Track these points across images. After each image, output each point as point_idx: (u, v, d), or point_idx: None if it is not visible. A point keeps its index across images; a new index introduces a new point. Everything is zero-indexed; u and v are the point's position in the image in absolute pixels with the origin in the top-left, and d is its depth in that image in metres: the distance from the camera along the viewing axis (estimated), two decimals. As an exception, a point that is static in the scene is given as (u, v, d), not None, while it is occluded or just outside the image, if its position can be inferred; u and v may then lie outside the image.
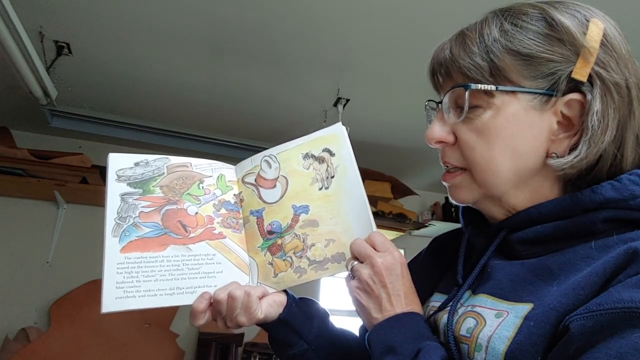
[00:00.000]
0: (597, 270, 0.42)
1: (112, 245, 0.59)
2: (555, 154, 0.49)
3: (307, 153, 0.67)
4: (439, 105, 0.56)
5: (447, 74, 0.54)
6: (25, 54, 1.51)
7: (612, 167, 0.49)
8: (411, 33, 1.59)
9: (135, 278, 0.58)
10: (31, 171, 2.07)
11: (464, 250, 0.58)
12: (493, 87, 0.49)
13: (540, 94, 0.49)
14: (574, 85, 0.48)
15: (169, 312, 2.39)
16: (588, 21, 0.49)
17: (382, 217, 2.50)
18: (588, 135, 0.47)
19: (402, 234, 2.66)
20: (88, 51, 1.77)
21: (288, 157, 0.68)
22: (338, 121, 0.69)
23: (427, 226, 2.79)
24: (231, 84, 1.99)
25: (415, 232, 2.87)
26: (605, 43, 0.49)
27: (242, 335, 2.42)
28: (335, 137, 0.66)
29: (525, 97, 0.49)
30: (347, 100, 2.04)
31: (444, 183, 0.57)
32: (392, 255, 0.54)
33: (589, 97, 0.47)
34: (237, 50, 1.75)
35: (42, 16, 1.57)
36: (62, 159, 2.08)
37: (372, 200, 2.50)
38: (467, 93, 0.50)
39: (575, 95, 0.48)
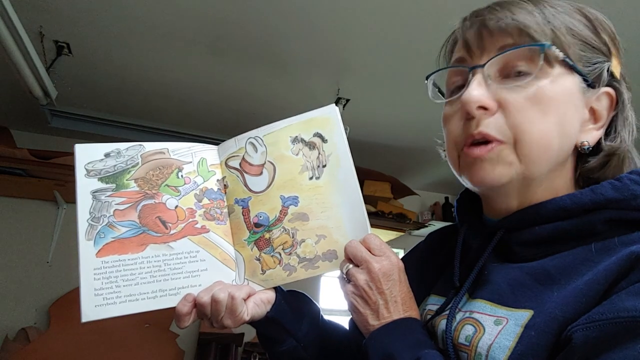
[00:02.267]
0: (599, 277, 0.41)
1: (86, 249, 0.56)
2: (587, 142, 0.49)
3: (296, 137, 0.61)
4: (472, 71, 0.50)
5: (501, 34, 0.48)
6: (25, 54, 1.51)
7: (615, 169, 0.49)
8: (411, 33, 1.59)
9: (115, 283, 0.55)
10: (31, 171, 2.07)
11: (459, 251, 0.56)
12: (562, 55, 0.47)
13: (589, 80, 0.48)
14: (609, 80, 0.49)
15: (169, 312, 2.37)
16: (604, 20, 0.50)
17: (382, 217, 2.49)
18: (620, 127, 0.48)
19: (402, 234, 2.66)
20: (88, 51, 1.77)
21: (275, 139, 0.62)
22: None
23: (427, 226, 2.79)
24: (231, 84, 1.99)
25: (415, 232, 2.87)
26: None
27: (242, 335, 2.42)
28: (328, 120, 0.61)
29: (578, 78, 0.48)
30: (347, 100, 2.04)
31: (470, 157, 0.49)
32: (389, 259, 0.52)
33: (623, 92, 0.48)
34: (237, 50, 1.75)
35: (42, 16, 1.57)
36: (62, 159, 2.07)
37: (372, 200, 2.50)
38: (542, 54, 0.46)
39: (609, 89, 0.49)
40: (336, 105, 0.67)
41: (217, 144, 0.67)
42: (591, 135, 0.49)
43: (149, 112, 2.25)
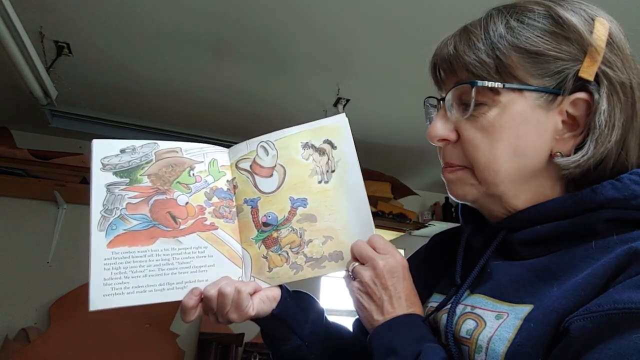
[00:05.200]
0: (598, 272, 0.42)
1: (98, 240, 0.57)
2: (560, 153, 0.49)
3: (307, 142, 0.64)
4: (441, 102, 0.55)
5: (450, 70, 0.53)
6: (25, 54, 1.51)
7: (614, 168, 0.49)
8: (411, 33, 1.59)
9: (124, 274, 0.56)
10: (31, 171, 2.07)
11: (462, 250, 0.58)
12: (500, 85, 0.49)
13: (548, 92, 0.48)
14: (581, 84, 0.48)
15: (170, 312, 2.39)
16: (593, 20, 0.49)
17: (382, 217, 2.50)
18: (596, 134, 0.47)
19: (402, 234, 2.66)
20: (88, 51, 1.77)
21: (287, 144, 0.65)
22: None
23: (427, 226, 2.79)
24: (231, 84, 1.99)
25: (415, 232, 2.87)
26: (610, 42, 0.48)
27: (242, 335, 2.42)
28: (338, 128, 0.64)
29: (531, 96, 0.49)
30: (347, 100, 2.04)
31: (443, 178, 0.56)
32: (394, 257, 0.54)
33: (596, 96, 0.47)
34: (237, 50, 1.75)
35: (42, 16, 1.57)
36: (62, 159, 2.08)
37: (372, 200, 2.50)
38: (473, 90, 0.50)
39: (581, 95, 0.48)
40: (336, 105, 0.69)
41: (217, 144, 0.68)
42: (566, 144, 0.49)
43: (149, 112, 2.25)
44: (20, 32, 1.42)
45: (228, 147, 0.68)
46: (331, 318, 0.69)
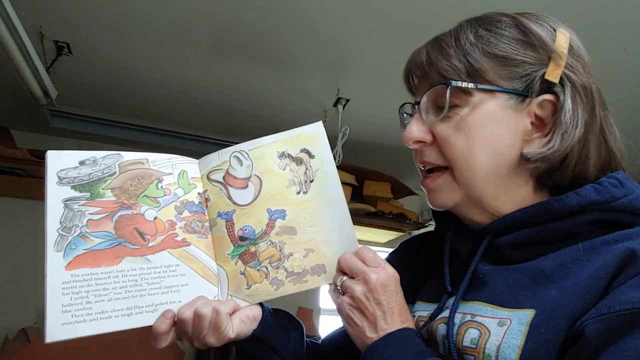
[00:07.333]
0: (599, 274, 0.43)
1: (55, 261, 0.51)
2: (527, 152, 0.52)
3: (283, 152, 0.61)
4: (416, 107, 0.57)
5: (423, 76, 0.55)
6: (25, 54, 1.50)
7: (576, 166, 0.51)
8: (411, 33, 1.59)
9: (85, 299, 0.51)
10: (31, 171, 2.07)
11: (448, 257, 0.57)
12: (472, 85, 0.51)
13: (516, 93, 0.51)
14: (547, 87, 0.51)
15: (169, 312, 2.38)
16: (555, 30, 0.53)
17: (382, 217, 2.49)
18: (561, 130, 0.50)
19: (402, 234, 2.66)
20: (88, 51, 1.77)
21: (262, 154, 0.61)
22: (338, 121, 0.67)
23: (427, 226, 2.78)
24: (231, 84, 1.99)
25: (415, 232, 2.86)
26: (572, 49, 0.52)
27: (242, 335, 2.42)
28: (315, 137, 0.61)
29: (502, 97, 0.51)
30: (347, 100, 2.04)
31: (424, 188, 0.58)
32: (386, 270, 0.52)
33: (561, 96, 0.50)
34: (237, 50, 1.74)
35: (42, 16, 1.57)
36: (62, 159, 2.07)
37: (372, 200, 2.50)
38: (448, 90, 0.52)
39: (548, 96, 0.51)
40: (336, 105, 0.69)
41: (217, 144, 0.67)
42: (534, 144, 0.52)
43: (149, 112, 2.25)
44: (20, 32, 1.42)
45: (227, 147, 0.66)
46: (330, 318, 0.69)
